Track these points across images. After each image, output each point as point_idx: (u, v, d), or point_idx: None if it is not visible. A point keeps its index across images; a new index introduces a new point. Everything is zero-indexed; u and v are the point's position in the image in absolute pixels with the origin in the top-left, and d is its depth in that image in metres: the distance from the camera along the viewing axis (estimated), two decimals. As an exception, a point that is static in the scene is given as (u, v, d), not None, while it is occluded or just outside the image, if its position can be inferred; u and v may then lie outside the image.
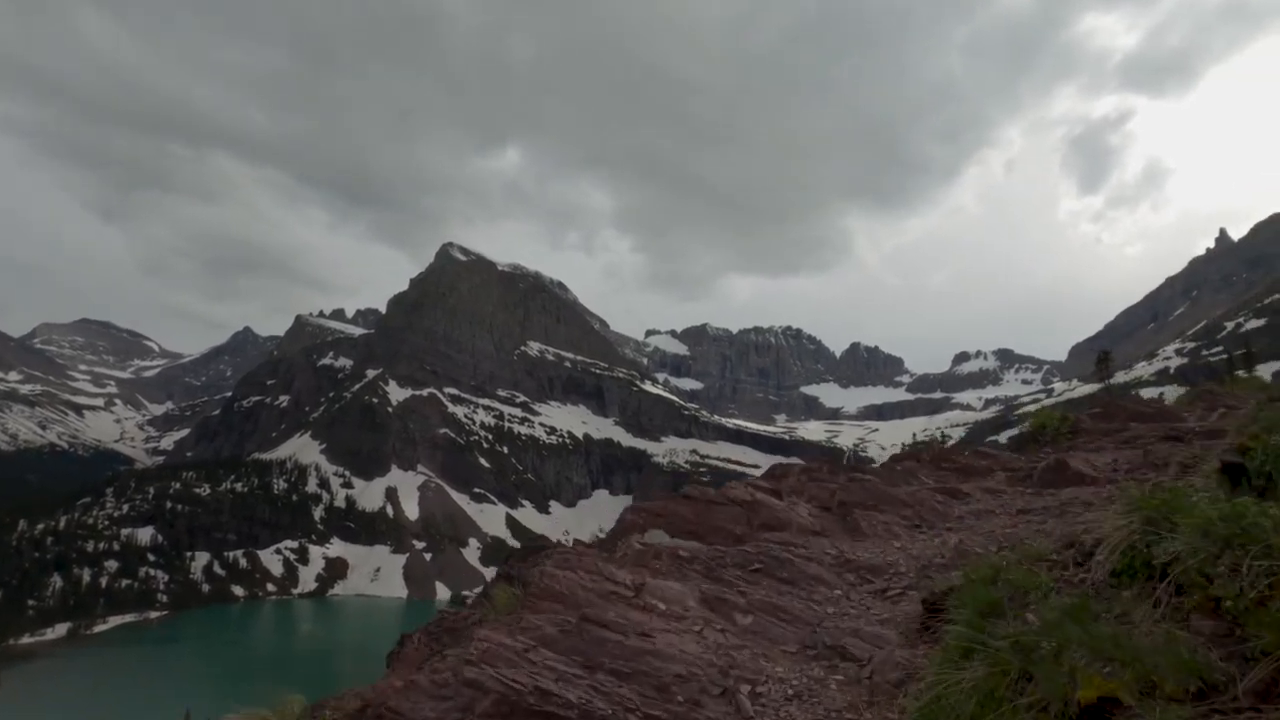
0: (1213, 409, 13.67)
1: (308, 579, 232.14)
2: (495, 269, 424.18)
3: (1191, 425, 12.23)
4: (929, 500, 10.93)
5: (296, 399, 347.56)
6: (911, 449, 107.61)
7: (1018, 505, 10.29)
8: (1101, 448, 12.30)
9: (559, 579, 6.83)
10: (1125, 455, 11.77)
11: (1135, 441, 12.12)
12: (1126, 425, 13.58)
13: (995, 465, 12.91)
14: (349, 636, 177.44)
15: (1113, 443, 12.82)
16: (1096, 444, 13.06)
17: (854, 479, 12.77)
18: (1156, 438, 11.92)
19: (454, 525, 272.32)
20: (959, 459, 13.42)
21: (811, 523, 10.50)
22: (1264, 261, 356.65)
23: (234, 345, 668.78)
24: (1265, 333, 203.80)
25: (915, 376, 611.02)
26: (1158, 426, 13.01)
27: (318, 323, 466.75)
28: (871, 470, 13.78)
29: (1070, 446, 13.01)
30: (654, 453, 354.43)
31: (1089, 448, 12.88)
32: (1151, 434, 12.37)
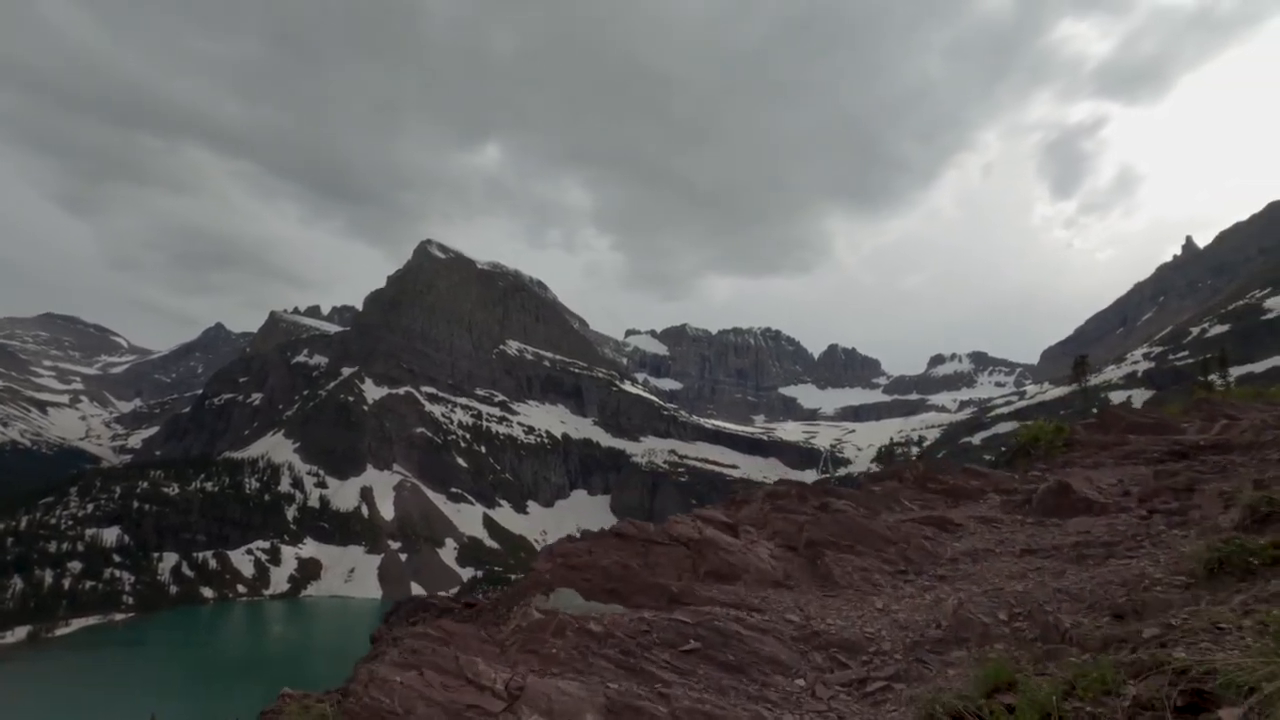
0: (1212, 419, 12.50)
1: (280, 580, 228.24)
2: (474, 267, 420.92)
3: (1194, 438, 11.21)
4: (915, 535, 9.34)
5: (270, 397, 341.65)
6: (891, 462, 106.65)
7: (1020, 541, 8.91)
8: (1100, 463, 11.31)
9: (393, 689, 4.54)
10: (1130, 473, 10.63)
11: (1137, 456, 11.17)
12: (1124, 438, 12.30)
13: (987, 486, 11.51)
14: (322, 638, 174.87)
15: (1112, 458, 11.68)
16: (1094, 459, 11.90)
17: (826, 507, 10.76)
18: (1160, 453, 10.85)
19: (430, 525, 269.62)
20: (946, 479, 12.01)
21: (772, 568, 8.64)
22: (1228, 269, 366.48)
23: (206, 341, 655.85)
24: (1229, 338, 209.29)
25: (891, 379, 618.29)
26: (1158, 439, 11.82)
27: (292, 319, 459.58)
28: (848, 494, 11.92)
29: (1066, 462, 11.86)
30: (633, 453, 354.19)
31: (1087, 463, 11.76)
32: (1153, 448, 11.24)
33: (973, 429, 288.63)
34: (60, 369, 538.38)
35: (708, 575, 8.38)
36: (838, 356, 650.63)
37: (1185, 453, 10.67)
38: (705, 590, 7.83)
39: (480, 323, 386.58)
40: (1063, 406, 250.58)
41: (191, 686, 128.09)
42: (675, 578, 8.47)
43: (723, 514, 10.84)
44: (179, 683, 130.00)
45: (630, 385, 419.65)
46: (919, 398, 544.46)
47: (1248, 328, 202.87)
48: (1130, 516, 8.89)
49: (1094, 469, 11.17)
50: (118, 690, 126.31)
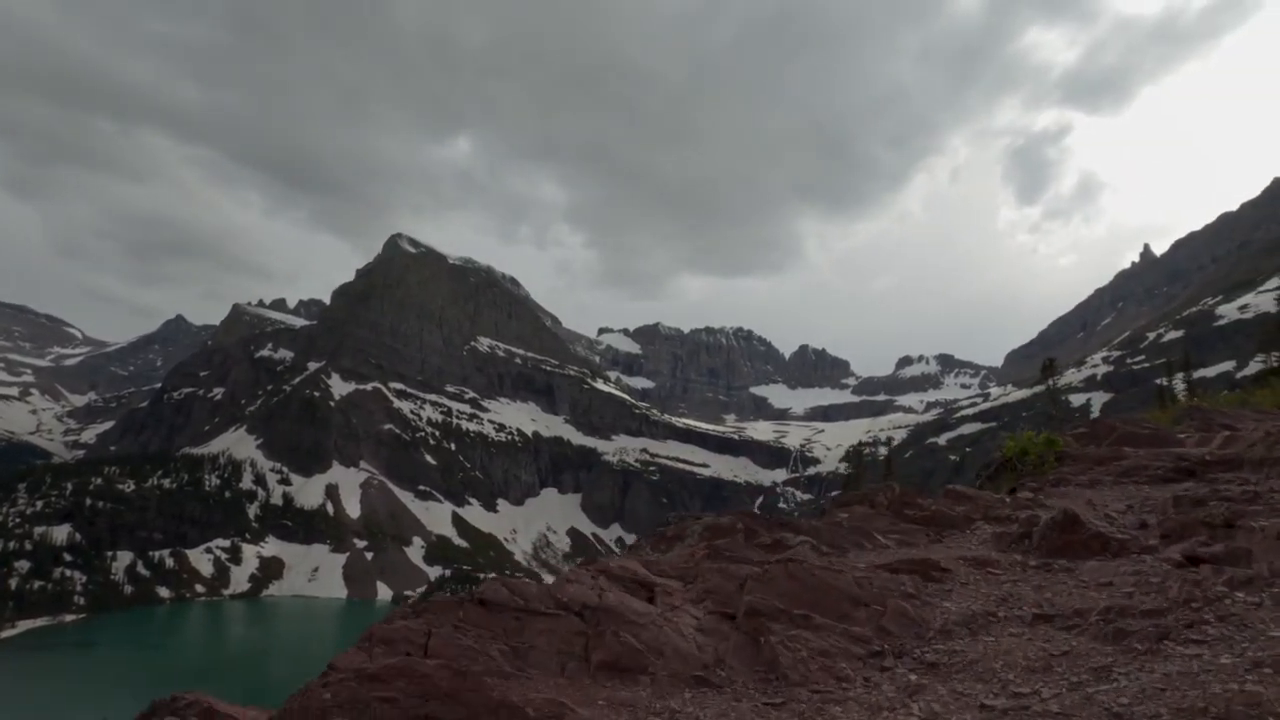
0: (1209, 429, 11.41)
1: (240, 579, 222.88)
2: (445, 262, 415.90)
3: (1197, 452, 9.91)
4: (892, 591, 7.03)
5: (232, 391, 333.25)
6: (860, 463, 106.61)
7: (1028, 598, 6.91)
8: (1097, 481, 9.73)
9: None
10: (1137, 496, 9.16)
11: (1139, 474, 9.70)
12: (1119, 450, 10.80)
13: (974, 512, 9.61)
14: (284, 638, 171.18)
15: (1109, 474, 10.15)
16: (1089, 474, 10.43)
17: (779, 546, 8.68)
18: (1165, 470, 9.53)
19: (397, 524, 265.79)
20: (926, 504, 10.11)
21: (698, 649, 6.27)
22: (1182, 276, 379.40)
23: (165, 334, 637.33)
24: (1183, 343, 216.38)
25: (860, 379, 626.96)
26: (1158, 453, 10.37)
27: (256, 312, 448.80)
28: (809, 527, 9.78)
29: (1058, 479, 10.14)
30: (604, 451, 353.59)
31: (1081, 481, 10.22)
32: (1155, 464, 9.86)
33: (939, 430, 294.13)
34: (9, 360, 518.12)
35: (602, 667, 5.97)
36: (808, 357, 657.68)
37: (1192, 470, 9.39)
38: (590, 701, 5.32)
39: (451, 319, 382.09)
40: (1025, 409, 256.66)
41: (147, 689, 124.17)
42: (556, 671, 5.98)
43: (641, 564, 8.31)
44: (133, 685, 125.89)
45: (602, 383, 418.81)
46: (887, 398, 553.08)
47: (1201, 333, 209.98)
48: (1159, 561, 7.22)
49: (1092, 488, 9.66)
50: (67, 693, 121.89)
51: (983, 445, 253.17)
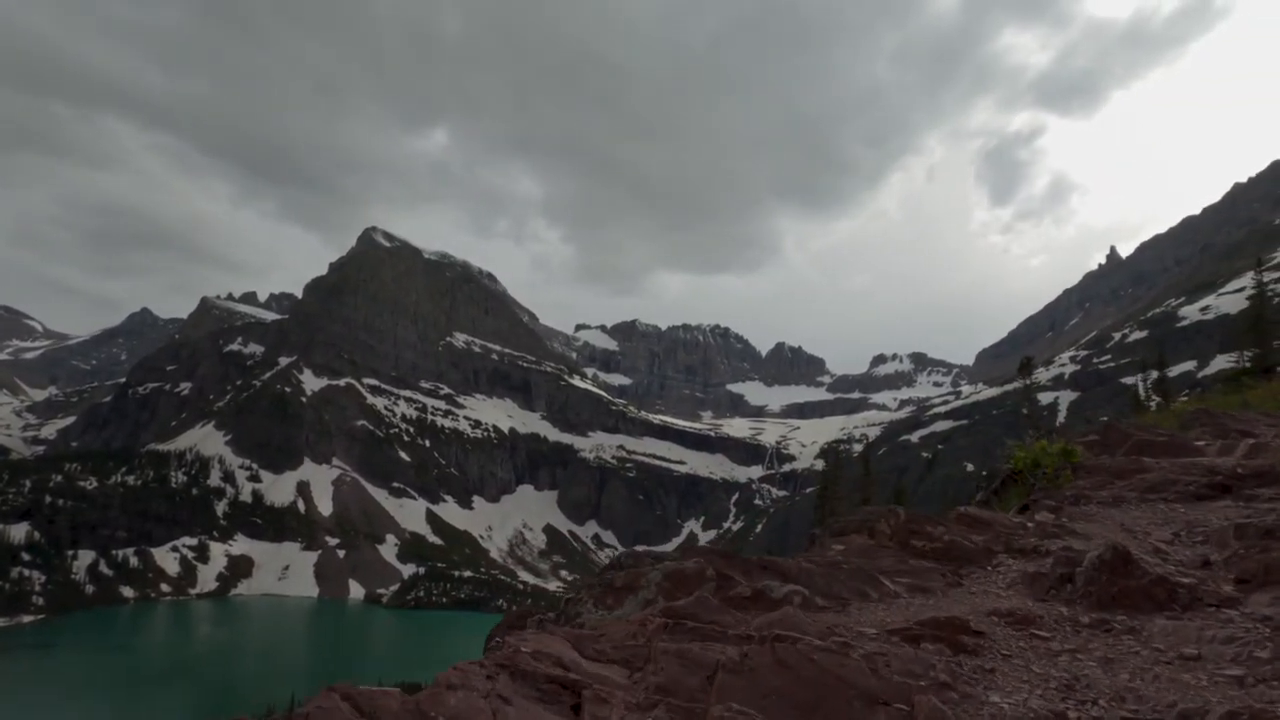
0: (1226, 436, 10.20)
1: (208, 578, 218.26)
2: (421, 256, 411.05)
3: (1224, 463, 8.92)
4: (919, 678, 4.93)
5: (200, 386, 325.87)
6: (835, 461, 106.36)
7: (1106, 691, 4.92)
8: (1122, 498, 8.48)
9: None
10: (1177, 517, 7.80)
11: (1167, 489, 8.49)
12: (1138, 461, 9.61)
13: (994, 542, 7.90)
14: (254, 638, 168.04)
15: (1134, 490, 8.90)
16: (1110, 490, 9.11)
17: (760, 611, 6.35)
18: (1195, 485, 8.43)
19: (370, 521, 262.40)
20: (938, 533, 8.17)
21: None
22: (1146, 278, 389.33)
23: (130, 327, 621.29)
24: (1147, 343, 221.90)
25: (835, 377, 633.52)
26: (1181, 464, 9.26)
27: (226, 306, 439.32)
28: (800, 569, 7.56)
29: (1077, 495, 8.82)
30: (581, 448, 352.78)
31: (1103, 497, 8.87)
32: (1183, 477, 8.73)
33: (912, 427, 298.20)
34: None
35: None
36: (784, 355, 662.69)
37: (1227, 485, 8.22)
38: None
39: (426, 314, 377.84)
40: (996, 407, 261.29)
41: (108, 692, 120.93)
42: None
43: (569, 641, 5.79)
44: (94, 688, 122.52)
45: (579, 380, 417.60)
46: (861, 396, 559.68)
47: (1164, 334, 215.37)
48: (1251, 620, 5.57)
49: (1117, 507, 8.30)
50: (25, 696, 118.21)
51: (954, 443, 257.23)
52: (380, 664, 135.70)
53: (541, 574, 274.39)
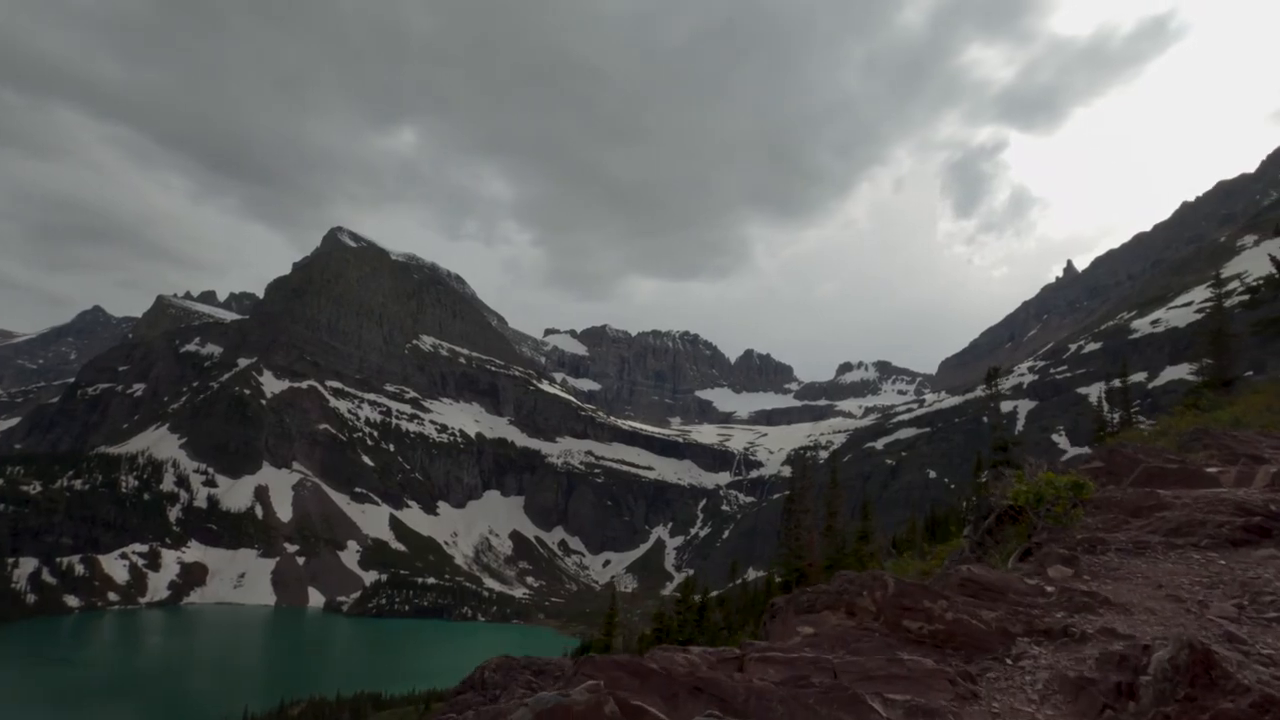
0: (1233, 460, 8.91)
1: (159, 586, 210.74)
2: (388, 257, 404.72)
3: (1251, 497, 7.64)
4: None
5: (154, 388, 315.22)
6: (803, 469, 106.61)
7: None
8: (1145, 544, 6.91)
9: None
10: (1224, 572, 6.30)
11: (1196, 531, 7.01)
12: (1153, 495, 8.11)
13: (1011, 620, 5.88)
14: (207, 649, 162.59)
15: (1156, 532, 7.32)
16: (1127, 531, 7.54)
17: None
18: (1227, 525, 7.01)
19: (331, 527, 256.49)
20: (937, 608, 6.11)
21: None
22: (1100, 291, 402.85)
23: (81, 325, 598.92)
24: (1101, 355, 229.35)
25: (803, 384, 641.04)
26: (1207, 500, 7.69)
27: (183, 305, 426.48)
28: (749, 690, 5.16)
29: (1091, 540, 7.16)
30: (548, 453, 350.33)
31: (1122, 543, 7.21)
32: (1210, 516, 7.21)
33: (876, 435, 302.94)
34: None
35: None
36: (753, 362, 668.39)
37: (1265, 527, 6.90)
38: None
39: (392, 316, 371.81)
40: (958, 415, 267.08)
41: (48, 707, 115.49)
42: None
43: None
44: (33, 703, 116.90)
45: (548, 385, 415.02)
46: (828, 403, 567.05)
47: (1117, 346, 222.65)
48: None
49: (1142, 557, 6.76)
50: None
51: (918, 450, 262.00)
52: (340, 674, 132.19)
53: (507, 581, 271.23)
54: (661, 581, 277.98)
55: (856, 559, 26.52)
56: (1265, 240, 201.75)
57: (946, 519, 52.99)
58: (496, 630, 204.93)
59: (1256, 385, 22.60)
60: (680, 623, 36.94)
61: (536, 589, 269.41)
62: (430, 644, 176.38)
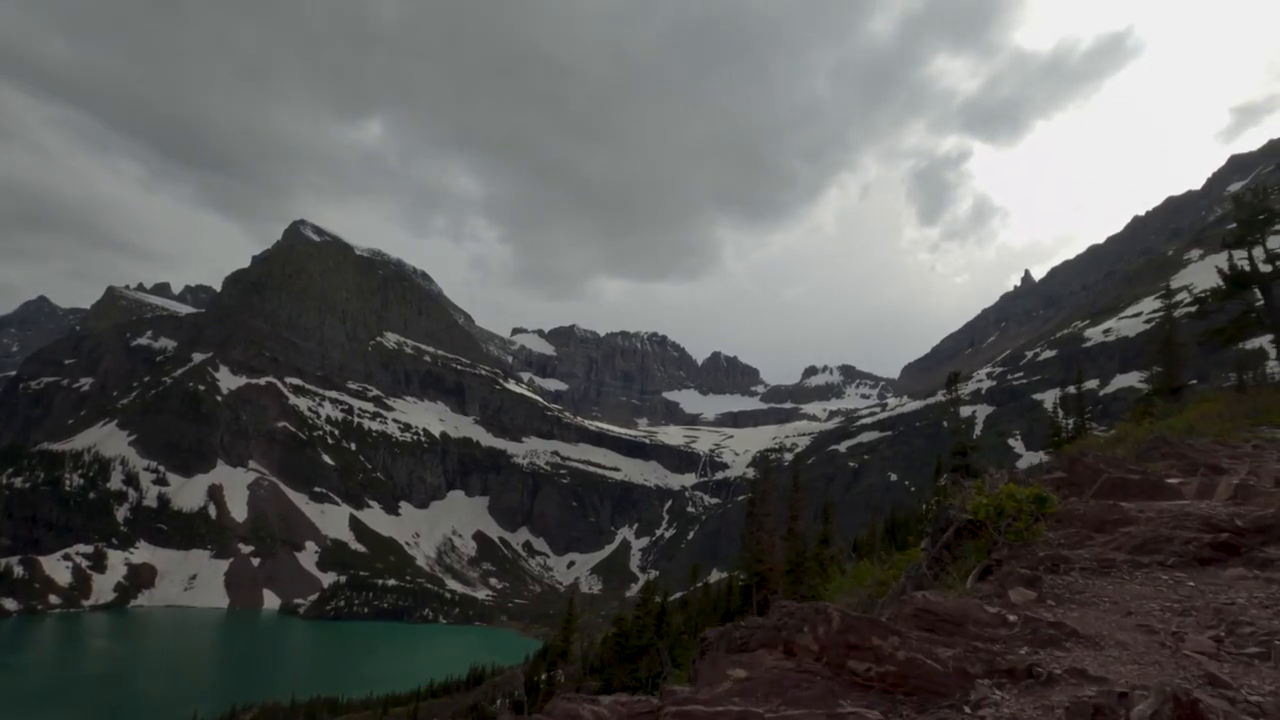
0: (1192, 471, 8.67)
1: (104, 589, 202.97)
2: (352, 252, 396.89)
3: (1214, 511, 7.30)
4: None
5: (102, 382, 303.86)
6: (766, 470, 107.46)
7: None
8: (1110, 562, 6.43)
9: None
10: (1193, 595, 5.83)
11: (1161, 548, 6.52)
12: (1117, 508, 7.50)
13: (969, 660, 4.84)
14: (154, 653, 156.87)
15: (1121, 549, 6.84)
16: (1090, 547, 7.04)
17: None
18: (1197, 542, 6.63)
19: (288, 527, 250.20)
20: (887, 646, 5.04)
21: None
22: (1056, 300, 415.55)
23: (25, 315, 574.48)
24: (1056, 362, 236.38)
25: (769, 387, 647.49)
26: (1172, 514, 7.14)
27: (135, 297, 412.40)
28: None
29: (1052, 557, 6.78)
30: (514, 453, 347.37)
31: (1086, 560, 6.74)
32: (1176, 531, 6.84)
33: (840, 438, 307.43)
34: None
35: None
36: (720, 364, 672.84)
37: (1231, 544, 6.48)
38: None
39: (356, 312, 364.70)
40: (920, 419, 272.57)
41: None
42: None
43: None
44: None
45: (514, 384, 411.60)
46: (793, 406, 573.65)
47: (1071, 353, 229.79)
48: None
49: (1107, 577, 6.28)
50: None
51: (880, 453, 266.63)
52: (295, 678, 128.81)
53: (470, 582, 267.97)
54: (627, 583, 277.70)
55: (817, 563, 26.65)
56: (1210, 254, 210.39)
57: (907, 522, 53.82)
58: (458, 632, 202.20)
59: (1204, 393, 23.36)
60: (639, 627, 36.71)
61: (500, 590, 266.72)
62: (390, 647, 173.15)
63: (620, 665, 34.95)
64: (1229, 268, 26.56)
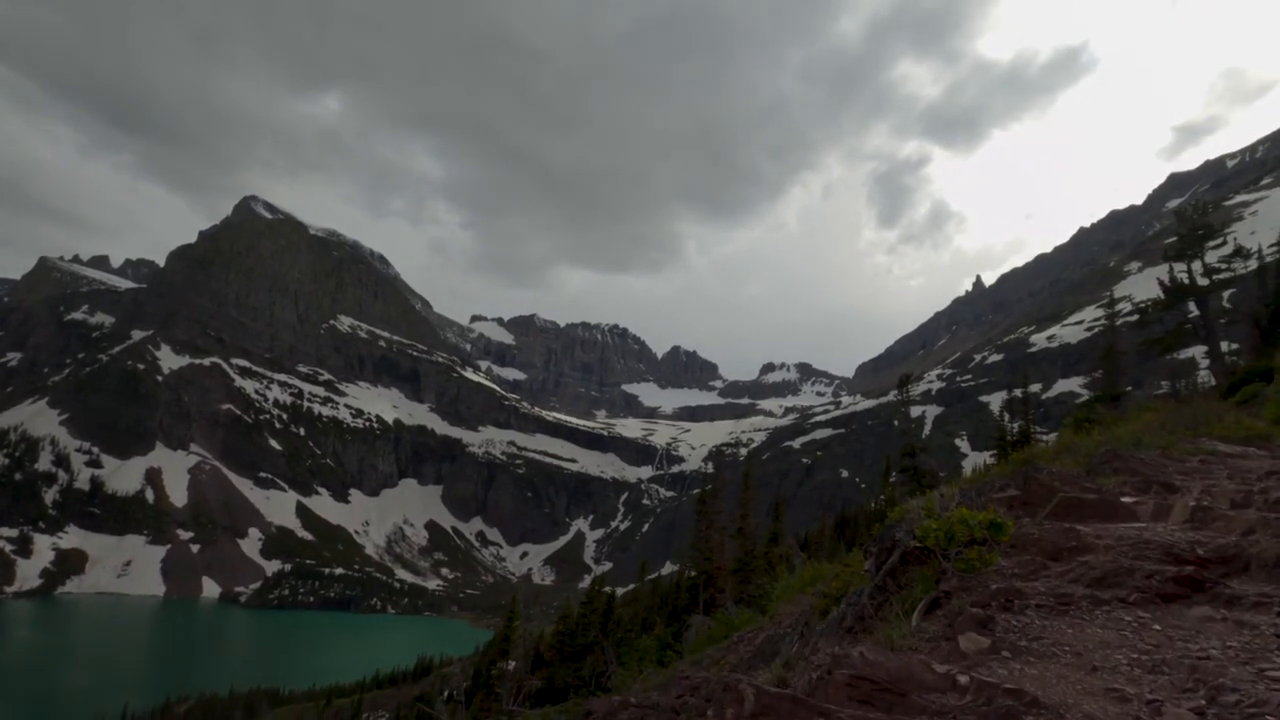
0: (1146, 488, 8.55)
1: (29, 574, 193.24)
2: (306, 232, 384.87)
3: (1181, 539, 6.73)
4: None
5: (32, 358, 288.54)
6: (721, 464, 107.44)
7: None
8: (1068, 599, 5.94)
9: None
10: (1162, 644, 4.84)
11: (1122, 582, 5.73)
12: (1073, 532, 7.02)
13: None
14: (83, 642, 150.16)
15: (1079, 582, 5.99)
16: (1046, 579, 6.02)
17: None
18: (1159, 576, 6.05)
19: (231, 513, 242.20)
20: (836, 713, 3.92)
21: None
22: (1005, 306, 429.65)
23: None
24: (1002, 366, 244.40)
25: (727, 383, 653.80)
26: (1131, 541, 6.76)
27: (70, 269, 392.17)
28: None
29: (1008, 592, 5.96)
30: (470, 443, 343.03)
31: (1042, 596, 5.59)
32: (1136, 561, 6.26)
33: (794, 434, 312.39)
34: None
35: None
36: (679, 358, 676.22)
37: (1199, 579, 6.01)
38: None
39: (309, 294, 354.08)
40: (872, 418, 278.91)
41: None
42: None
43: None
44: None
45: (472, 373, 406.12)
46: (750, 402, 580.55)
47: (1017, 358, 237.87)
48: None
49: (1065, 617, 5.72)
50: None
51: (832, 450, 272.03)
52: (235, 669, 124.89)
53: (421, 572, 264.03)
54: (580, 574, 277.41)
55: (765, 561, 26.82)
56: (1149, 267, 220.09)
57: (856, 519, 54.91)
58: (407, 623, 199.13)
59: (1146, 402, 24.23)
60: (585, 625, 36.45)
61: (451, 581, 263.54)
62: (335, 637, 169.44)
63: (564, 664, 34.67)
64: (1169, 280, 27.64)
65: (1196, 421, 12.49)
